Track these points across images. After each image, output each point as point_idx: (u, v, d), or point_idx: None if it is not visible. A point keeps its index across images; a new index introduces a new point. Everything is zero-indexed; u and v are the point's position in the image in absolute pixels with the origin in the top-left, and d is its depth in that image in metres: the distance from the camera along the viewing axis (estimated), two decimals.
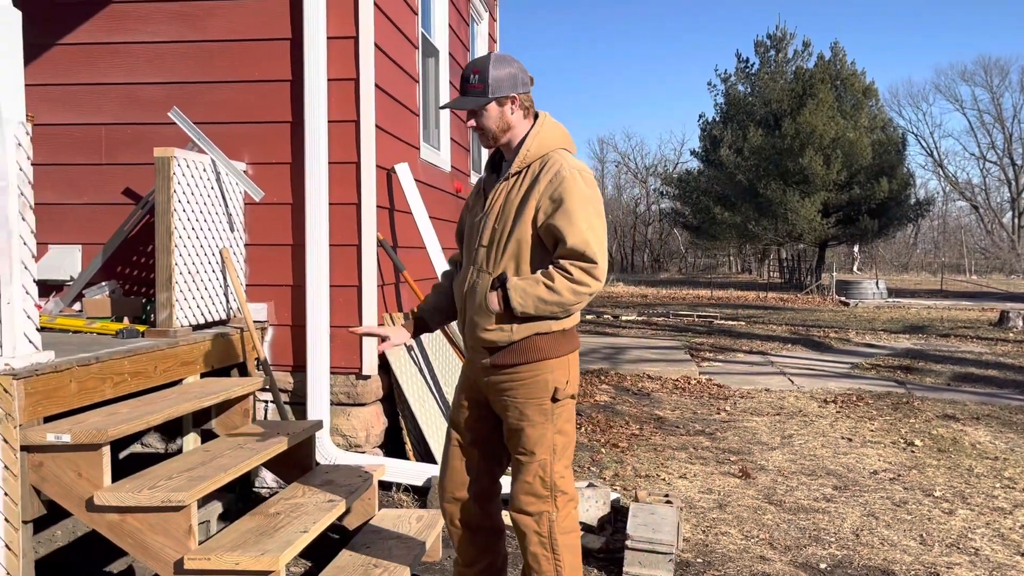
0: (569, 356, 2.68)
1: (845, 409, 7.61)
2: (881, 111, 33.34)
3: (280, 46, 4.46)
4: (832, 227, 30.89)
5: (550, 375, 2.64)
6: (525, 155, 2.65)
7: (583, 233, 2.53)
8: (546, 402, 2.64)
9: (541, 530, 2.70)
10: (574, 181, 2.56)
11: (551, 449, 2.67)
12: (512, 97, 2.66)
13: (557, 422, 2.68)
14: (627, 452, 5.85)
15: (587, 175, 2.63)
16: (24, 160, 2.93)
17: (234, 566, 2.82)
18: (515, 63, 2.70)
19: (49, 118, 4.58)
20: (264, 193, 4.40)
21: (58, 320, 4.14)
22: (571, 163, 2.62)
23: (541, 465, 2.67)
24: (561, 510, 2.71)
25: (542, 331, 2.61)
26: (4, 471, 2.85)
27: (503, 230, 2.64)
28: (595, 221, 2.57)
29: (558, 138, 2.70)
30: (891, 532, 4.31)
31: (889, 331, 15.17)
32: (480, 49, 8.18)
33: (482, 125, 2.69)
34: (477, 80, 2.66)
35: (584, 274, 2.53)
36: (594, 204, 2.59)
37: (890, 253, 53.53)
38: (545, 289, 2.53)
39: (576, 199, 2.54)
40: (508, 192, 2.66)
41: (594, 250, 2.54)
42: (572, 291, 2.53)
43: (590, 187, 2.61)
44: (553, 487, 2.69)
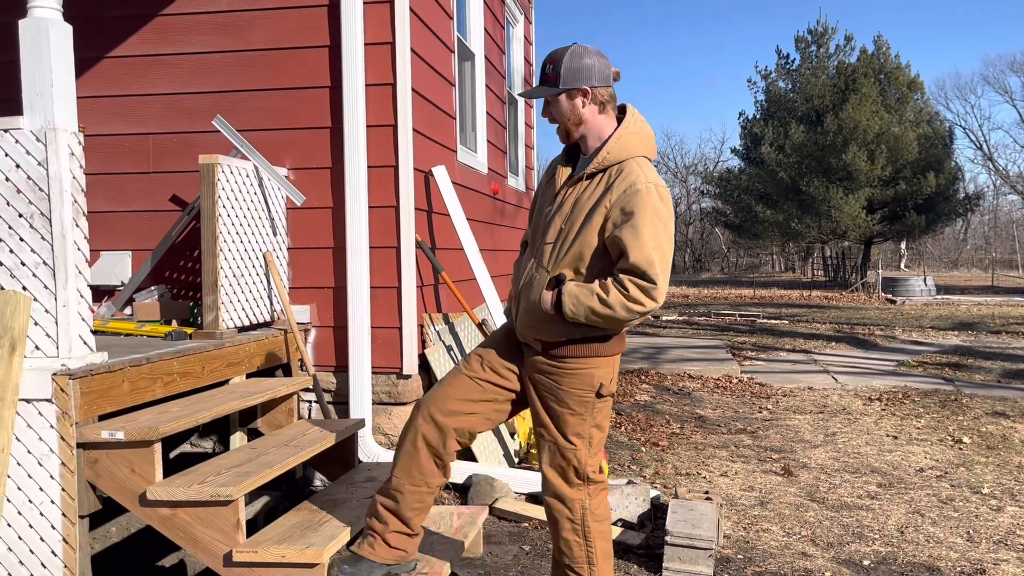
0: (616, 357, 2.73)
1: (891, 407, 7.49)
2: (927, 104, 32.63)
3: (319, 53, 4.56)
4: (877, 224, 30.33)
5: (597, 371, 2.67)
6: (604, 158, 2.59)
7: (648, 251, 2.47)
8: (589, 396, 2.68)
9: (575, 517, 2.77)
10: (648, 196, 2.50)
11: (588, 441, 2.74)
12: (584, 90, 2.60)
13: (597, 416, 2.73)
14: (667, 451, 5.84)
15: (663, 191, 2.55)
16: (77, 169, 3.06)
17: (280, 559, 2.90)
18: (595, 55, 2.63)
19: (99, 128, 4.74)
20: (305, 197, 4.50)
21: (110, 323, 4.28)
22: (648, 176, 2.54)
23: (576, 453, 2.73)
24: (594, 497, 2.78)
25: (591, 335, 2.63)
26: (61, 467, 2.97)
27: (569, 232, 2.61)
28: (663, 240, 2.51)
29: (639, 144, 2.62)
30: (937, 529, 4.26)
31: (937, 328, 14.87)
32: (515, 52, 8.24)
33: (552, 116, 2.67)
34: (551, 70, 2.62)
35: (641, 293, 2.48)
36: (665, 223, 2.52)
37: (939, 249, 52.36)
38: (598, 302, 2.50)
39: (648, 215, 2.48)
40: (581, 194, 2.61)
41: (657, 270, 2.47)
42: (625, 308, 2.49)
43: (664, 204, 2.53)
44: (586, 477, 2.76)
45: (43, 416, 2.96)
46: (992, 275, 34.44)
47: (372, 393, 4.52)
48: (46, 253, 3.01)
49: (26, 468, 2.99)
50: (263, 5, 4.61)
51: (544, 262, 2.66)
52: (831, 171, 29.30)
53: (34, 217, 3.01)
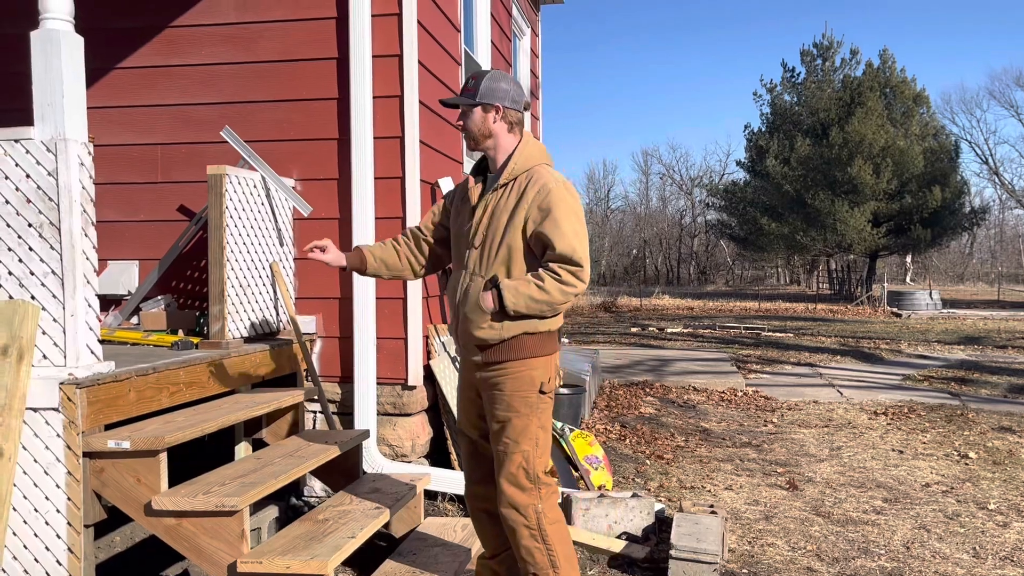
0: (552, 356, 2.90)
1: (896, 421, 7.47)
2: (933, 118, 32.64)
3: (327, 66, 4.59)
4: (883, 237, 30.29)
5: (535, 371, 2.85)
6: (513, 168, 2.89)
7: (571, 239, 2.76)
8: (532, 395, 2.85)
9: (530, 522, 2.86)
10: (560, 193, 2.81)
11: (535, 442, 2.86)
12: (497, 107, 2.91)
13: (541, 416, 2.87)
14: (672, 464, 5.83)
15: (571, 187, 2.88)
16: (86, 179, 3.08)
17: (285, 569, 2.90)
18: (511, 82, 2.96)
19: (108, 139, 4.77)
20: (312, 208, 4.52)
21: (117, 333, 4.29)
22: (555, 176, 2.86)
23: (525, 457, 2.85)
24: (546, 500, 2.88)
25: (530, 331, 2.83)
26: (67, 476, 2.98)
27: (494, 237, 2.86)
28: (579, 228, 2.81)
29: (540, 155, 2.94)
30: (943, 545, 4.23)
31: (943, 342, 14.83)
32: (522, 64, 8.28)
33: (466, 125, 2.95)
34: (472, 85, 2.94)
35: (572, 276, 2.76)
36: (577, 213, 2.84)
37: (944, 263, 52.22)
38: (536, 288, 2.76)
39: (563, 209, 2.78)
40: (497, 203, 2.89)
41: (580, 255, 2.77)
42: (560, 291, 2.76)
43: (574, 198, 2.85)
44: (536, 479, 2.87)
45: (50, 425, 2.97)
46: (998, 289, 34.34)
47: (377, 404, 4.52)
48: (55, 263, 3.02)
49: (32, 477, 2.99)
50: (272, 17, 4.64)
51: (476, 269, 2.90)
52: (836, 184, 29.30)
53: (43, 227, 3.03)
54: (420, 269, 3.24)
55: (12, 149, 3.03)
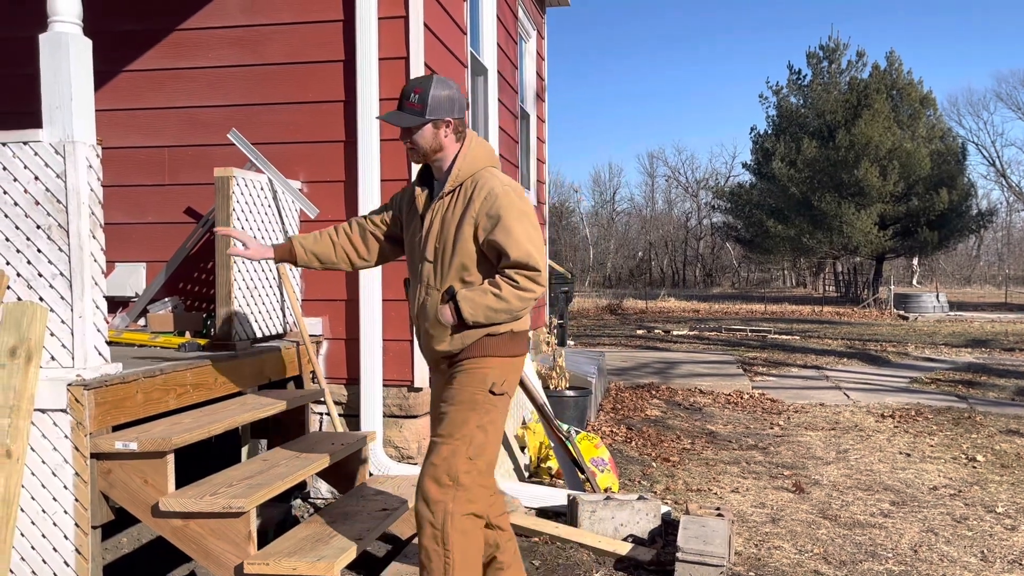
0: (512, 359, 2.82)
1: (903, 424, 7.44)
2: (940, 121, 32.56)
3: (334, 68, 4.59)
4: (889, 239, 30.22)
5: (489, 370, 2.77)
6: (457, 175, 2.81)
7: (524, 245, 2.69)
8: (480, 393, 2.75)
9: (436, 521, 2.69)
10: (508, 197, 2.73)
11: (468, 439, 2.71)
12: (448, 121, 2.81)
13: (483, 416, 2.74)
14: (678, 466, 5.82)
15: (519, 190, 2.80)
16: (95, 181, 3.09)
17: (292, 571, 2.90)
18: (454, 87, 2.85)
19: (116, 141, 4.78)
20: (319, 210, 4.52)
21: (124, 334, 4.31)
22: (502, 180, 2.79)
23: (452, 450, 2.70)
24: (459, 504, 2.69)
25: (491, 333, 2.77)
26: (75, 477, 2.99)
27: (444, 248, 2.79)
28: (532, 232, 2.73)
29: (484, 158, 2.85)
30: (951, 548, 4.22)
31: (950, 345, 14.78)
32: (528, 67, 8.28)
33: (416, 144, 2.83)
34: (417, 100, 2.79)
35: (529, 281, 2.70)
36: (529, 216, 2.76)
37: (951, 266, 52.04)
38: (493, 298, 2.69)
39: (513, 215, 2.71)
40: (444, 211, 2.81)
41: (536, 259, 2.71)
42: (518, 297, 2.70)
43: (523, 201, 2.77)
44: (456, 479, 2.69)
45: (58, 426, 2.98)
46: (1005, 292, 34.22)
47: (383, 406, 4.52)
48: (63, 264, 3.04)
49: (40, 478, 3.00)
50: (279, 20, 4.65)
51: (431, 282, 2.83)
52: (843, 186, 29.24)
53: (52, 229, 3.04)
54: (360, 262, 3.15)
55: (21, 151, 3.05)
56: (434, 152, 2.84)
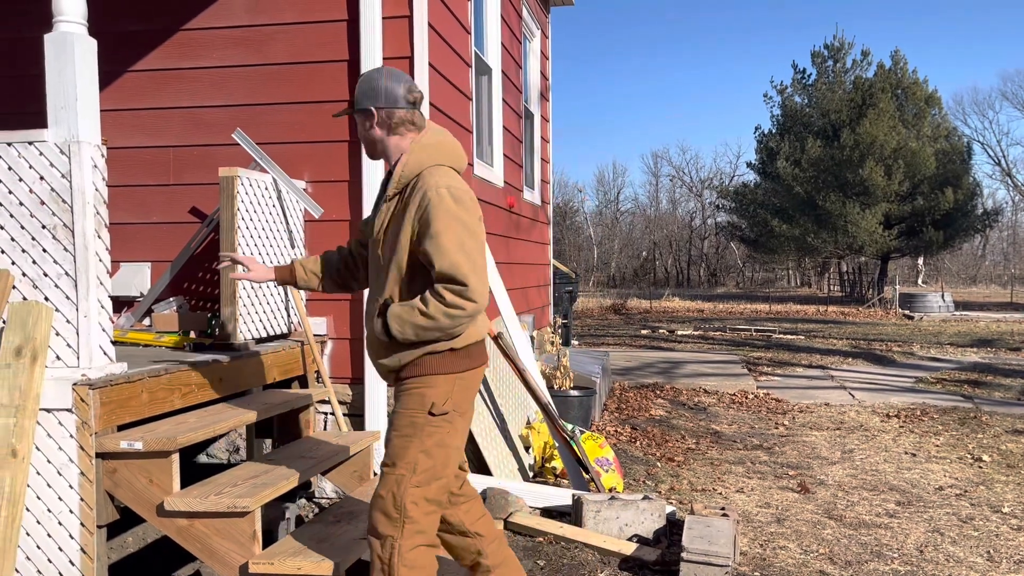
0: (457, 375, 2.59)
1: (909, 424, 7.42)
2: (945, 120, 32.47)
3: (338, 68, 4.60)
4: (894, 239, 30.15)
5: (428, 390, 2.57)
6: (400, 177, 2.60)
7: (452, 255, 2.45)
8: (420, 415, 2.57)
9: (383, 555, 2.56)
10: (441, 201, 2.48)
11: (412, 466, 2.56)
12: (369, 111, 2.64)
13: (425, 440, 2.56)
14: (683, 466, 5.81)
15: (458, 192, 2.52)
16: (100, 181, 3.09)
17: (296, 571, 2.90)
18: (387, 78, 2.65)
19: (121, 141, 4.79)
20: (323, 210, 4.53)
21: (129, 334, 4.31)
22: (439, 181, 2.53)
23: (397, 480, 2.56)
24: (407, 539, 2.56)
25: (430, 351, 2.57)
26: (80, 477, 2.99)
27: (385, 256, 2.62)
28: (465, 240, 2.48)
29: (433, 155, 2.61)
30: (957, 548, 4.20)
31: (956, 344, 14.74)
32: (532, 66, 8.28)
33: (361, 139, 2.72)
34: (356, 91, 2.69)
35: (457, 297, 2.46)
36: (464, 223, 2.49)
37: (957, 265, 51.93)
38: (420, 315, 2.49)
39: (442, 221, 2.47)
40: (387, 216, 2.64)
41: (464, 272, 2.45)
42: (447, 315, 2.47)
43: (460, 205, 2.50)
44: (403, 510, 2.55)
45: (63, 426, 2.98)
46: (1011, 291, 34.12)
47: (388, 406, 4.52)
48: (68, 264, 3.04)
49: (46, 477, 3.01)
50: (282, 20, 4.66)
51: (374, 291, 2.68)
52: (848, 186, 29.18)
53: (57, 228, 3.05)
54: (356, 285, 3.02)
55: (26, 151, 3.05)
56: (370, 144, 2.69)
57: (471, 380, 2.65)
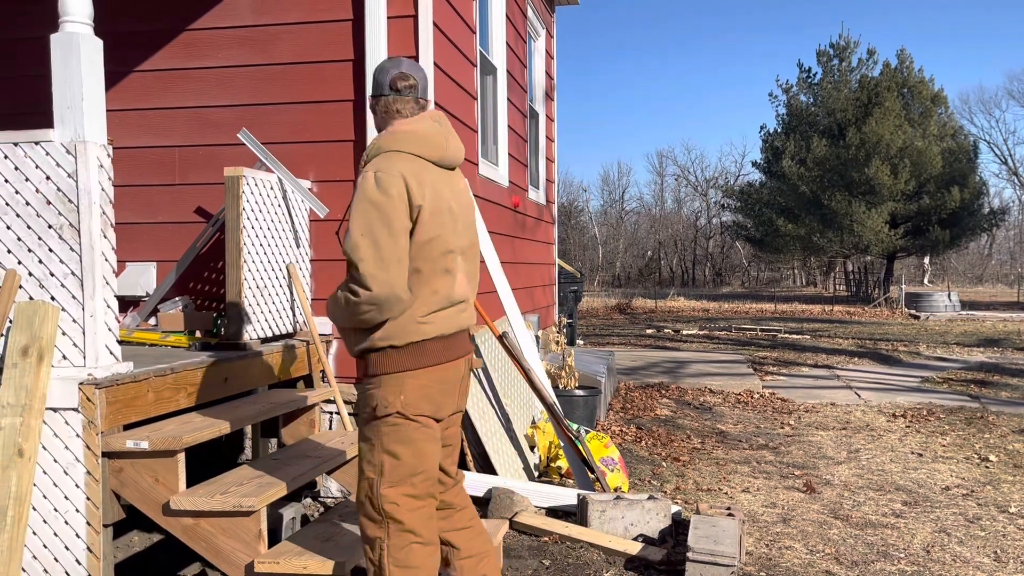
0: (406, 374, 2.52)
1: (915, 424, 7.40)
2: (951, 119, 32.37)
3: (343, 67, 4.60)
4: (900, 238, 30.07)
5: (376, 390, 2.53)
6: (363, 162, 2.60)
7: (354, 237, 2.41)
8: (370, 418, 2.55)
9: (374, 558, 2.56)
10: (364, 184, 2.45)
11: (378, 469, 2.54)
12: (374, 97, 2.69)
13: (383, 440, 2.53)
14: (688, 466, 5.80)
15: (384, 175, 2.45)
16: (106, 181, 3.10)
17: (302, 570, 2.90)
18: (381, 68, 2.67)
19: (127, 141, 4.80)
20: (329, 210, 4.53)
21: (135, 334, 4.32)
22: (374, 165, 2.49)
23: (369, 484, 2.55)
24: (394, 539, 2.54)
25: (369, 347, 2.53)
26: (87, 476, 3.00)
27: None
28: (374, 224, 2.40)
29: (395, 141, 2.56)
30: (964, 549, 4.19)
31: (962, 344, 14.70)
32: (537, 66, 8.27)
33: None
34: None
35: (352, 283, 2.43)
36: (378, 207, 2.42)
37: (963, 264, 51.74)
38: (331, 298, 2.54)
39: (359, 204, 2.43)
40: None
41: (359, 256, 2.39)
42: (346, 299, 2.45)
43: (381, 188, 2.43)
44: (383, 511, 2.53)
45: (69, 425, 2.99)
46: (1018, 291, 33.99)
47: None
48: (74, 264, 3.05)
49: (52, 477, 3.01)
50: (288, 19, 4.66)
51: None
52: (853, 185, 29.12)
53: (63, 228, 3.05)
54: None
55: (32, 151, 3.06)
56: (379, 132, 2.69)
57: (430, 379, 2.55)
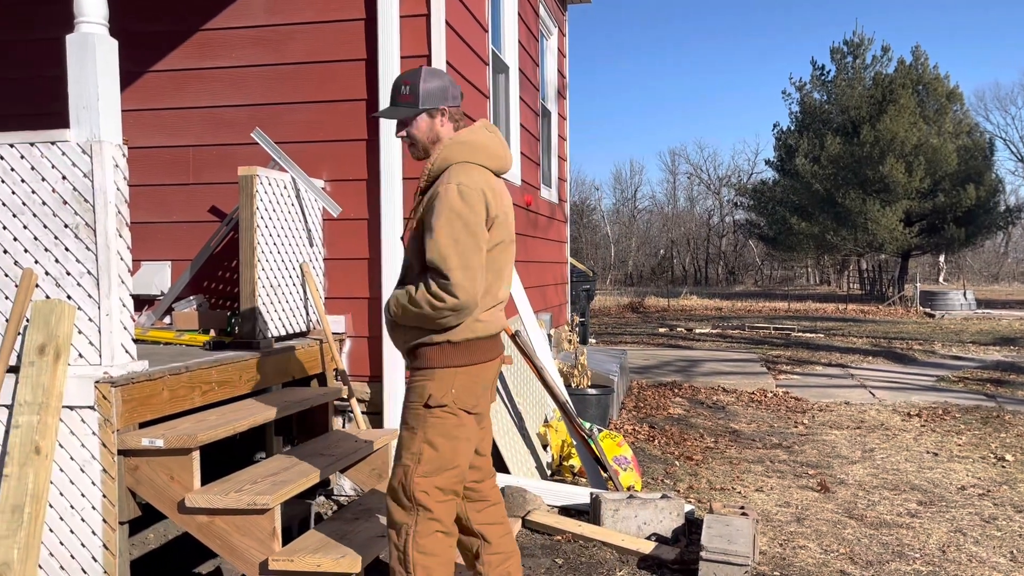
0: (457, 369, 2.65)
1: (930, 423, 7.35)
2: (967, 116, 32.08)
3: (356, 67, 4.61)
4: (915, 236, 29.84)
5: (428, 382, 2.66)
6: (429, 172, 2.71)
7: (442, 248, 2.53)
8: (419, 408, 2.66)
9: (399, 543, 2.66)
10: (447, 195, 2.56)
11: (416, 456, 2.65)
12: (442, 109, 2.74)
13: (428, 431, 2.65)
14: (701, 465, 5.78)
15: (467, 189, 2.58)
16: (121, 180, 3.12)
17: (316, 568, 2.91)
18: (445, 76, 2.80)
19: (141, 141, 4.83)
20: (341, 209, 4.54)
21: (150, 332, 4.35)
22: (456, 177, 2.60)
23: (404, 471, 2.66)
24: (421, 526, 2.65)
25: (425, 342, 2.66)
26: (103, 474, 3.02)
27: (410, 249, 2.73)
28: (461, 236, 2.54)
29: (463, 152, 2.69)
30: (980, 549, 4.16)
31: (978, 343, 14.58)
32: (549, 64, 8.27)
33: (412, 136, 2.77)
34: (408, 91, 2.73)
35: (439, 289, 2.54)
36: (464, 220, 2.55)
37: (979, 263, 51.32)
38: (408, 300, 2.61)
39: (444, 214, 2.55)
40: (416, 209, 2.74)
41: (451, 265, 2.52)
42: (430, 304, 2.56)
43: (465, 201, 2.56)
44: (414, 499, 2.64)
45: (86, 423, 3.01)
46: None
47: None
48: (90, 263, 3.07)
49: (68, 474, 3.04)
50: (301, 19, 4.68)
51: (399, 279, 2.83)
52: (868, 183, 28.92)
53: (79, 228, 3.07)
54: None
55: (49, 151, 3.08)
56: (432, 144, 2.76)
57: (477, 375, 2.70)
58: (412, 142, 2.78)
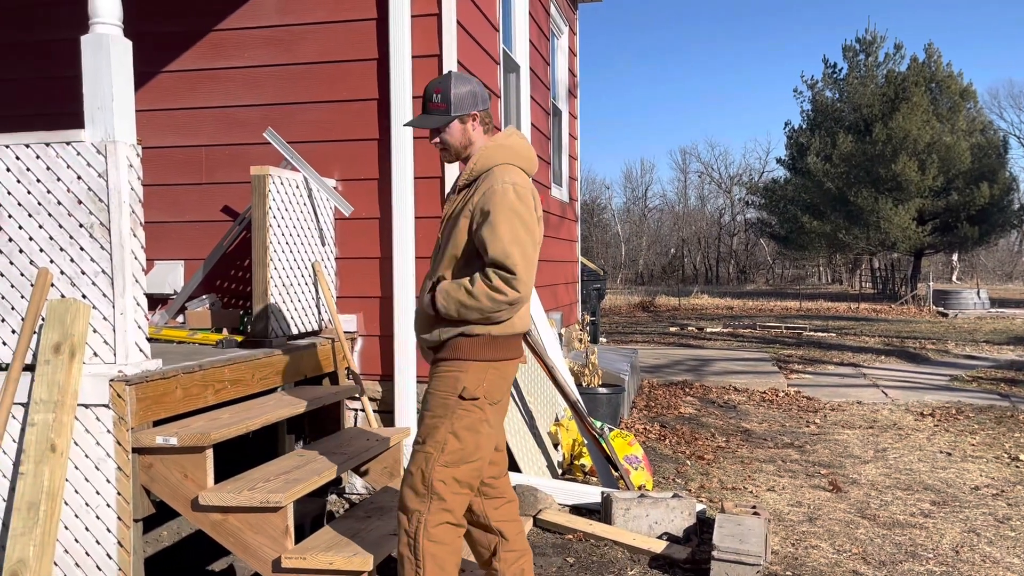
0: (490, 363, 2.71)
1: (944, 423, 7.31)
2: (980, 113, 31.85)
3: (367, 67, 4.62)
4: (928, 235, 29.66)
5: (461, 374, 2.69)
6: (471, 170, 2.77)
7: (505, 244, 2.60)
8: (451, 398, 2.69)
9: (410, 529, 2.70)
10: (505, 195, 2.64)
11: (440, 445, 2.68)
12: (473, 115, 2.80)
13: (456, 423, 2.68)
14: (713, 464, 5.77)
15: (521, 190, 2.68)
16: (135, 180, 3.14)
17: (328, 565, 2.93)
18: (474, 81, 2.85)
19: (154, 141, 4.86)
20: (353, 208, 4.56)
21: (164, 331, 4.37)
22: (507, 177, 2.69)
23: (425, 457, 2.69)
24: (433, 515, 2.68)
25: (466, 333, 2.70)
26: (117, 471, 3.04)
27: (445, 239, 2.78)
28: (520, 234, 2.63)
29: (504, 154, 2.77)
30: (993, 549, 4.14)
31: (992, 342, 14.49)
32: (560, 63, 8.26)
33: (445, 142, 2.82)
34: (440, 99, 2.79)
35: (503, 283, 2.61)
36: (522, 218, 2.65)
37: (992, 261, 50.98)
38: (465, 293, 2.64)
39: (503, 212, 2.62)
40: (454, 206, 2.79)
41: (515, 261, 2.60)
42: (489, 298, 2.61)
43: (522, 201, 2.67)
44: (431, 487, 2.68)
45: (100, 421, 3.03)
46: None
47: (417, 402, 4.55)
48: (105, 262, 3.09)
49: (83, 472, 3.06)
50: (312, 19, 4.69)
51: (431, 272, 2.83)
52: (880, 181, 28.76)
53: (94, 227, 3.10)
54: None
55: (64, 151, 3.11)
56: (465, 148, 2.83)
57: (505, 370, 2.75)
58: (445, 147, 2.84)
